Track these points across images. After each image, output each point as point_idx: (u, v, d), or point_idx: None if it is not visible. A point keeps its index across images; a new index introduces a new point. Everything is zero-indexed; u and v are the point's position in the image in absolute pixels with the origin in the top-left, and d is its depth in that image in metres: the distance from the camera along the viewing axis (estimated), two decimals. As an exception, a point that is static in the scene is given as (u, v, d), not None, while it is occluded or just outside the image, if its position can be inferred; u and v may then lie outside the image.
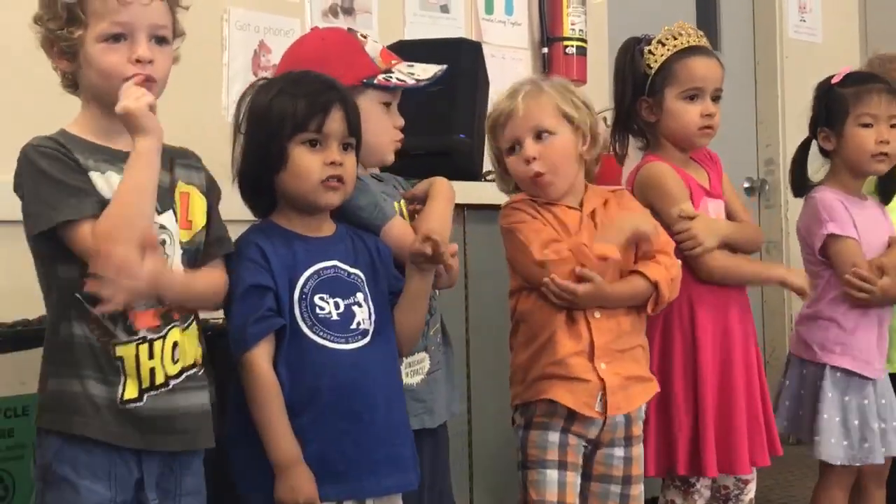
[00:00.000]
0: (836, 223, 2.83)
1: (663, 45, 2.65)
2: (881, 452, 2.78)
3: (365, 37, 2.21)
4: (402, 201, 2.23)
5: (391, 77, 2.15)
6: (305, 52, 2.20)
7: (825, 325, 2.84)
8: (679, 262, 2.38)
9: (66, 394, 1.78)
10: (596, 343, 2.27)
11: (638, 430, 2.35)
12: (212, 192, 1.97)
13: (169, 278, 1.80)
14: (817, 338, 2.85)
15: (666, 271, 2.31)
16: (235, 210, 2.03)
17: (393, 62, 2.18)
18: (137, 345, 1.79)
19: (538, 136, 2.31)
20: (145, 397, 1.80)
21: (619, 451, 2.31)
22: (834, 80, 2.91)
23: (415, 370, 2.13)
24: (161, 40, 1.86)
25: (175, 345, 1.83)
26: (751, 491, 2.65)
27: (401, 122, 2.20)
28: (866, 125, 2.84)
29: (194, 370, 1.86)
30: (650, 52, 2.65)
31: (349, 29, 2.29)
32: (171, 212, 1.87)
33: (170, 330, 1.83)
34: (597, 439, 2.29)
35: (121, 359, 1.78)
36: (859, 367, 2.79)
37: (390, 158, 2.21)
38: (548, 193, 2.33)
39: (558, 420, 2.27)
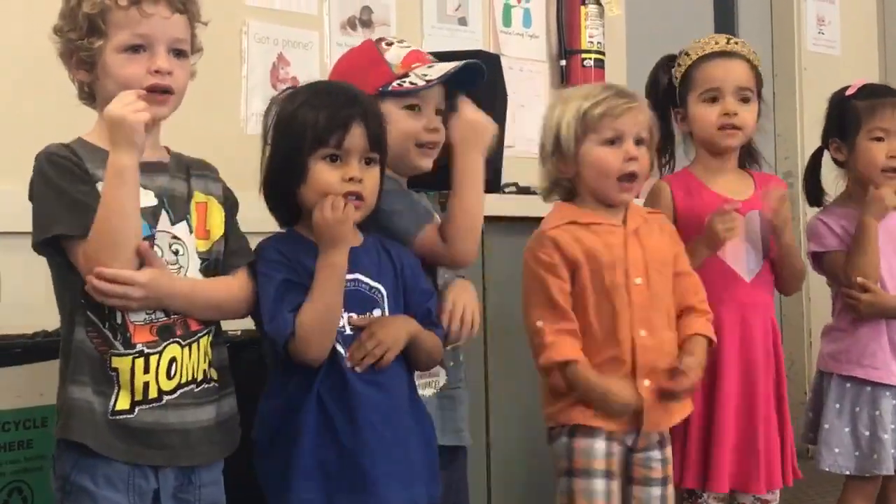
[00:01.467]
0: (814, 241, 2.86)
1: (688, 55, 2.66)
2: (891, 464, 2.76)
3: (390, 44, 2.21)
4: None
5: (404, 81, 2.15)
6: (338, 68, 2.27)
7: (836, 336, 2.86)
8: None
9: (69, 400, 1.80)
10: (639, 361, 2.25)
11: (667, 431, 2.35)
12: (229, 204, 1.97)
13: (169, 284, 1.81)
14: (828, 349, 2.86)
15: (708, 322, 2.37)
16: (257, 221, 2.03)
17: (415, 65, 2.17)
18: (134, 358, 1.80)
19: (638, 141, 2.31)
20: (136, 410, 1.80)
21: (656, 454, 2.31)
22: (848, 92, 2.90)
23: (427, 382, 2.13)
24: (179, 53, 1.88)
25: (172, 361, 1.83)
26: (771, 510, 2.64)
27: (431, 122, 2.17)
28: (878, 139, 2.83)
29: (192, 387, 1.85)
30: (678, 64, 2.66)
31: (378, 38, 2.28)
32: (184, 223, 1.88)
33: (167, 346, 1.83)
34: (633, 445, 2.29)
35: (116, 370, 1.79)
36: (866, 374, 2.77)
37: (422, 163, 2.19)
38: (622, 198, 2.32)
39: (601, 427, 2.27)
